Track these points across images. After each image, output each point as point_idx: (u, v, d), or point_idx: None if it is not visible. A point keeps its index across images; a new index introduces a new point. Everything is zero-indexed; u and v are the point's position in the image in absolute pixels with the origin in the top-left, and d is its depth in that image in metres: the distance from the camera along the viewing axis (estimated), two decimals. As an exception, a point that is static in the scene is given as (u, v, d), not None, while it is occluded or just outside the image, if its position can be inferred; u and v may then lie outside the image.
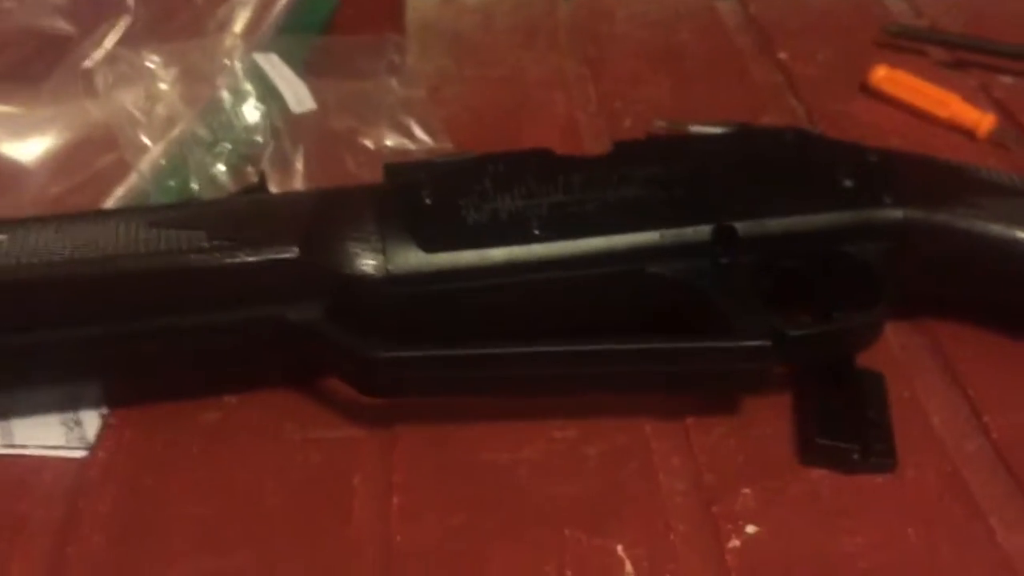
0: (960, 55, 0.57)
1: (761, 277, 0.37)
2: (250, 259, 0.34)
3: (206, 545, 0.32)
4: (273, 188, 0.44)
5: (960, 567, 0.32)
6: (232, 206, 0.38)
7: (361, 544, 0.33)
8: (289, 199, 0.40)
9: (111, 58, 0.45)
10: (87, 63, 0.45)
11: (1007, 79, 0.56)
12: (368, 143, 0.48)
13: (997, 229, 0.37)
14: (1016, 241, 0.37)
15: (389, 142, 0.49)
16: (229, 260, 0.33)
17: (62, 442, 0.35)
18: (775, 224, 0.37)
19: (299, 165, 0.45)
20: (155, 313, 0.34)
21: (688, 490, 0.34)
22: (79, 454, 0.35)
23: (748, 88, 0.56)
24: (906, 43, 0.58)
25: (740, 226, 0.36)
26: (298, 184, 0.45)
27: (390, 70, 0.51)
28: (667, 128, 0.51)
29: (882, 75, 0.54)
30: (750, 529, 0.33)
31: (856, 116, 0.53)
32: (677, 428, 0.36)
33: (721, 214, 0.37)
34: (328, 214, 0.36)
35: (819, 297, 0.38)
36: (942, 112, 0.52)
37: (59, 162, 0.44)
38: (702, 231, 0.36)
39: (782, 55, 0.58)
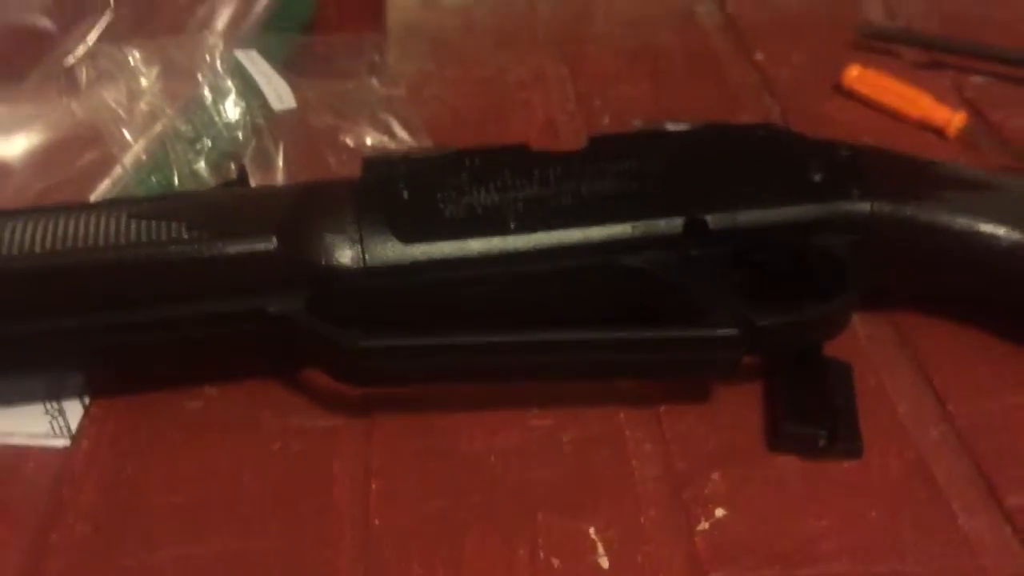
0: (933, 56, 0.59)
1: (732, 268, 0.37)
2: (229, 250, 0.34)
3: (187, 532, 0.33)
4: (254, 184, 0.44)
5: (922, 548, 0.32)
6: (212, 198, 0.38)
7: (341, 528, 0.33)
8: (268, 192, 0.41)
9: (93, 54, 0.45)
10: (69, 60, 0.45)
11: (978, 79, 0.57)
12: (349, 141, 0.49)
13: (961, 222, 0.38)
14: (979, 234, 0.38)
15: (370, 140, 0.49)
16: (208, 251, 0.34)
17: (45, 431, 0.36)
18: (745, 217, 0.38)
19: (280, 162, 0.46)
20: (135, 305, 0.34)
21: (660, 475, 0.35)
22: (62, 443, 0.36)
23: (725, 88, 0.57)
24: (880, 44, 0.59)
25: (711, 219, 0.37)
26: (279, 181, 0.46)
27: (371, 69, 0.52)
28: (644, 127, 0.52)
29: (855, 75, 0.55)
30: (719, 513, 0.34)
31: (830, 115, 0.54)
32: (650, 416, 0.37)
33: (692, 207, 0.37)
34: (306, 206, 0.36)
35: (789, 288, 0.38)
36: (913, 111, 0.53)
37: (42, 159, 0.45)
38: (674, 224, 0.37)
39: (758, 56, 0.59)
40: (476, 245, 0.36)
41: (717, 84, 0.57)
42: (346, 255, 0.35)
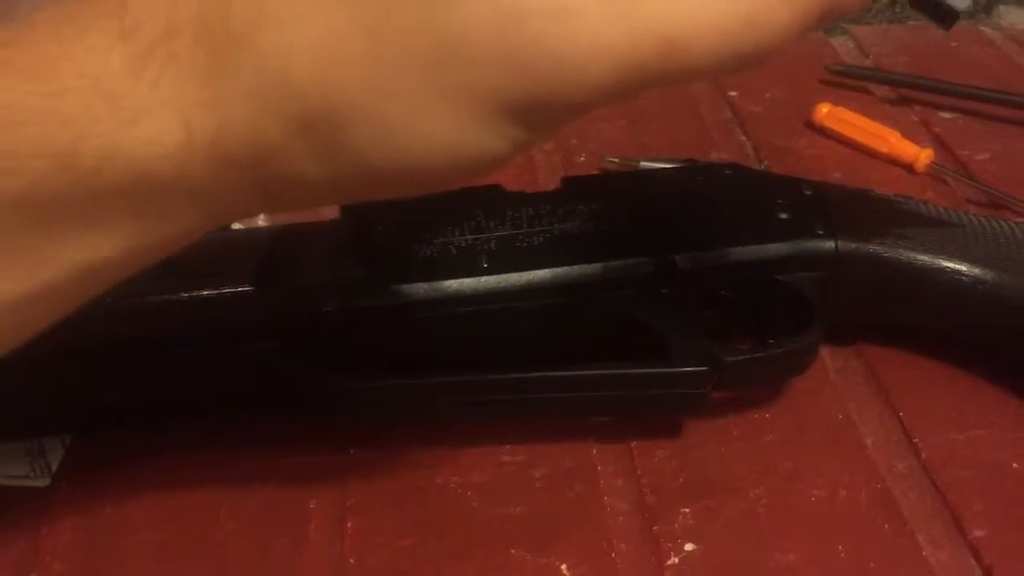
0: (902, 92, 0.60)
1: (700, 306, 0.38)
2: (206, 294, 0.35)
3: (164, 571, 0.34)
4: (236, 225, 0.45)
5: (887, 580, 0.33)
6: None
7: (317, 566, 0.34)
8: (246, 235, 0.42)
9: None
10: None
11: (946, 114, 0.58)
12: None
13: (923, 259, 0.39)
14: (942, 270, 0.39)
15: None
16: (186, 295, 0.35)
17: (26, 472, 0.36)
18: (713, 256, 0.38)
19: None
20: (113, 352, 0.35)
21: (631, 510, 0.36)
22: (42, 483, 0.36)
23: (699, 125, 0.58)
24: (851, 81, 0.61)
25: (679, 258, 0.38)
26: (261, 222, 0.46)
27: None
28: (618, 164, 0.53)
29: (825, 112, 0.56)
30: (688, 547, 0.34)
31: (801, 151, 0.55)
32: (622, 451, 0.38)
33: (662, 247, 0.38)
34: (284, 249, 0.37)
35: (756, 324, 0.39)
36: (882, 147, 0.54)
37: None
38: (643, 263, 0.38)
39: (732, 93, 0.60)
40: (450, 286, 0.37)
41: (692, 121, 0.58)
42: (323, 298, 0.36)
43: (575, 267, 0.38)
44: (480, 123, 0.24)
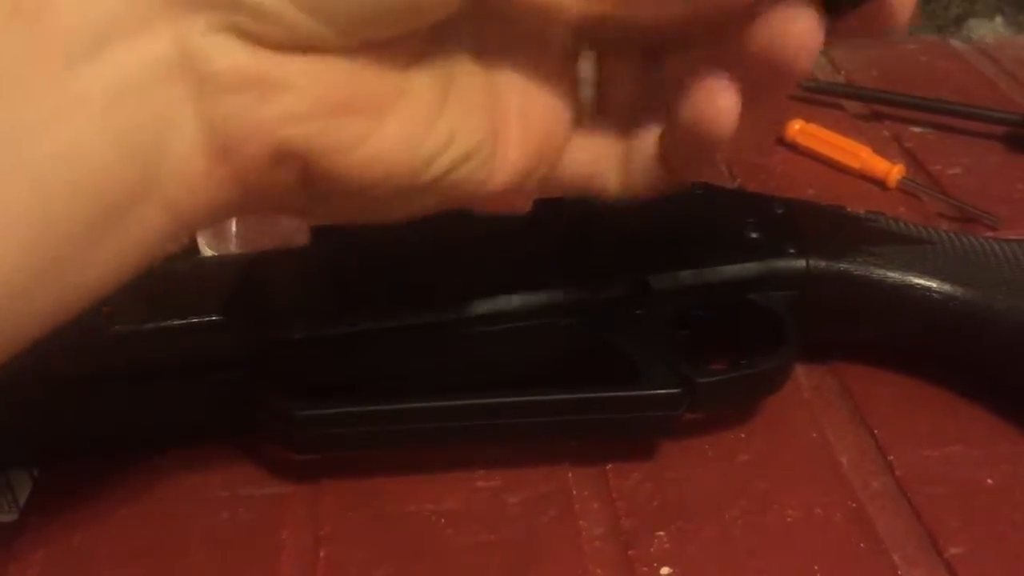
0: (875, 107, 0.60)
1: (672, 327, 0.38)
2: (175, 323, 0.35)
3: (134, 605, 0.33)
4: (207, 253, 0.45)
5: (862, 601, 0.33)
6: (162, 270, 0.38)
7: (288, 598, 0.33)
8: (216, 263, 0.41)
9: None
10: None
11: (917, 129, 0.59)
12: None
13: (894, 276, 0.39)
14: (911, 287, 0.39)
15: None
16: (154, 325, 0.34)
17: (-8, 507, 0.36)
18: (685, 276, 0.38)
19: (233, 228, 0.47)
20: (83, 382, 0.35)
21: (606, 534, 0.35)
22: (10, 518, 0.36)
23: (672, 143, 0.58)
24: (823, 97, 0.61)
25: (652, 279, 0.38)
26: (232, 248, 0.46)
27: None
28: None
29: (797, 129, 0.56)
30: (664, 570, 0.34)
31: (773, 168, 0.55)
32: (597, 474, 0.38)
33: (634, 268, 0.38)
34: (254, 278, 0.37)
35: (729, 344, 0.39)
36: (854, 163, 0.54)
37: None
38: (614, 285, 0.38)
39: (705, 111, 0.60)
40: (419, 312, 0.37)
41: (665, 140, 0.58)
42: (292, 325, 0.36)
43: (546, 290, 0.37)
44: None
